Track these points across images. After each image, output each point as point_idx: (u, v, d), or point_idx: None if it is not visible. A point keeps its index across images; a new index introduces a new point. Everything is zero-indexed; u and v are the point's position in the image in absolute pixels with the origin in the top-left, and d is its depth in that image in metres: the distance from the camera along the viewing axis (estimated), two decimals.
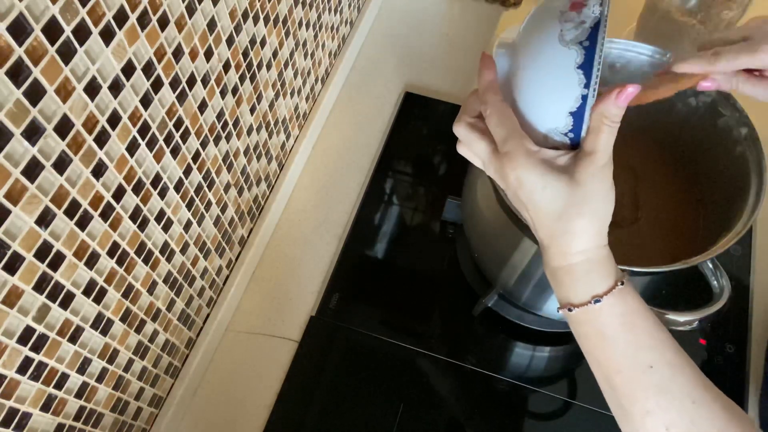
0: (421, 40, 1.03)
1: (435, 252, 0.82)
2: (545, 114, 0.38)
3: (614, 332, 0.39)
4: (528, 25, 0.38)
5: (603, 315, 0.39)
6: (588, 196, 0.37)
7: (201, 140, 0.60)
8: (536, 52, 0.37)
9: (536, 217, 0.39)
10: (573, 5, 0.35)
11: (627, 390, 0.39)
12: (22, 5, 0.35)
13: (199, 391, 0.73)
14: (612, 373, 0.39)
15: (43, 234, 0.42)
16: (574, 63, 0.35)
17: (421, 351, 0.74)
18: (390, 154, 0.90)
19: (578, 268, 0.39)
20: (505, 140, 0.38)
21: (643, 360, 0.38)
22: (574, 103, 0.36)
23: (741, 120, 0.59)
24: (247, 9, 0.61)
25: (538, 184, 0.37)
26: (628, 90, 0.36)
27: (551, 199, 0.37)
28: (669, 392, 0.38)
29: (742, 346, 0.73)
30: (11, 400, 0.44)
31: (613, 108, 0.36)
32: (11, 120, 0.37)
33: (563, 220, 0.38)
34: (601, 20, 0.34)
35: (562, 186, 0.37)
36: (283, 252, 0.83)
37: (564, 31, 0.35)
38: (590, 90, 0.35)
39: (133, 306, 0.56)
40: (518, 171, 0.37)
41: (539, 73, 0.37)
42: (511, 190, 0.39)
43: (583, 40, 0.35)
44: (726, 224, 0.56)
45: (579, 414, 0.70)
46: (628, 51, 0.64)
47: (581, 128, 0.37)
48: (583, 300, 0.39)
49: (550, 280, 0.42)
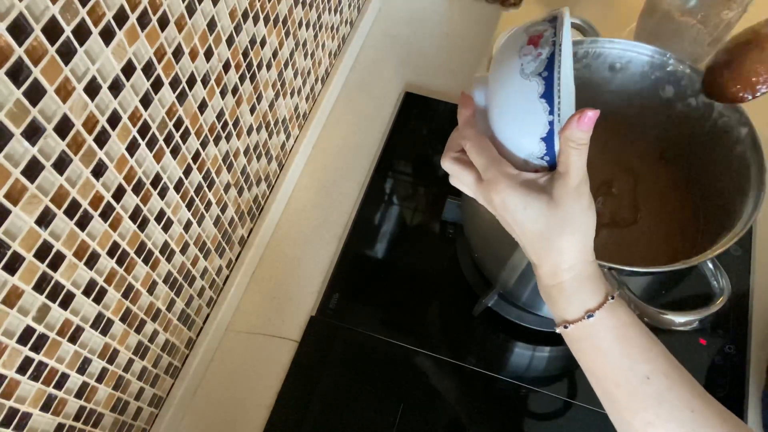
0: (421, 40, 1.03)
1: (435, 252, 0.82)
2: (520, 142, 0.40)
3: (609, 346, 0.40)
4: (495, 62, 0.41)
5: (597, 329, 0.40)
6: (568, 215, 0.39)
7: (201, 140, 0.60)
8: (503, 87, 0.39)
9: (524, 238, 0.41)
10: (530, 40, 0.38)
11: (627, 402, 0.40)
12: (22, 5, 0.35)
13: (199, 391, 0.73)
14: (611, 386, 0.40)
15: (43, 234, 0.42)
16: (536, 93, 0.37)
17: (421, 351, 0.74)
18: (390, 154, 0.90)
19: (568, 285, 0.40)
20: (486, 168, 0.40)
21: (640, 371, 0.39)
22: (543, 129, 0.38)
23: (741, 120, 0.59)
24: (247, 9, 0.61)
25: (520, 205, 0.39)
26: (587, 115, 0.37)
27: (534, 218, 0.39)
28: (668, 402, 0.38)
29: (742, 346, 0.73)
30: (11, 400, 0.44)
31: (577, 132, 0.38)
32: (11, 120, 0.37)
33: (547, 239, 0.40)
34: (555, 50, 0.37)
35: (543, 206, 0.39)
36: (283, 252, 0.83)
37: (524, 65, 0.38)
38: (554, 116, 0.37)
39: (133, 306, 0.56)
40: (501, 194, 0.40)
41: (509, 106, 0.39)
42: (498, 213, 0.41)
43: (541, 71, 0.37)
44: (726, 224, 0.56)
45: (579, 414, 0.70)
46: (628, 51, 0.64)
47: (554, 151, 0.39)
48: (576, 316, 0.41)
49: (545, 299, 0.43)
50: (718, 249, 0.52)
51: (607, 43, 0.64)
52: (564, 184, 0.39)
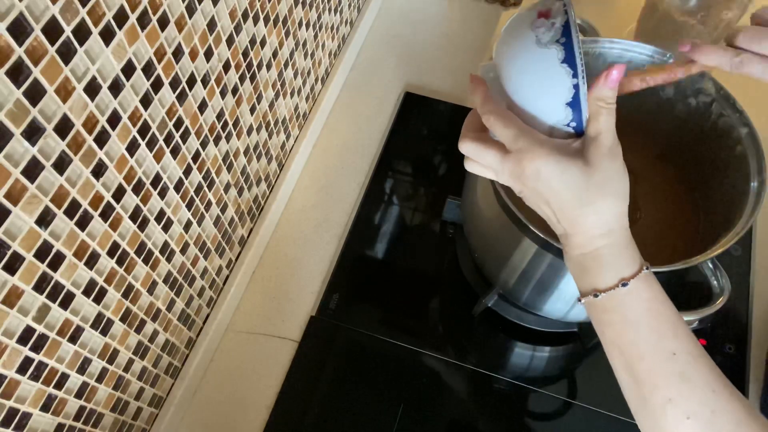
0: (421, 40, 1.03)
1: (435, 252, 0.82)
2: (545, 111, 0.40)
3: (639, 318, 0.39)
4: (504, 42, 0.41)
5: (629, 299, 0.39)
6: (605, 177, 0.38)
7: (201, 140, 0.60)
8: (520, 60, 0.39)
9: (558, 206, 0.39)
10: (540, 14, 0.38)
11: (649, 377, 0.39)
12: (22, 5, 0.35)
13: (199, 391, 0.73)
14: (634, 360, 0.39)
15: (43, 234, 0.42)
16: (557, 60, 0.38)
17: (421, 351, 0.74)
18: (390, 154, 0.90)
19: (605, 252, 0.39)
20: (516, 138, 0.39)
21: (667, 347, 0.38)
22: (568, 94, 0.38)
23: (741, 120, 0.59)
24: (247, 9, 0.61)
25: (556, 170, 0.38)
26: (614, 71, 0.38)
27: (571, 184, 0.38)
28: (691, 381, 0.38)
29: (742, 346, 0.73)
30: (11, 400, 0.44)
31: (606, 90, 0.38)
32: (11, 120, 0.37)
33: (586, 203, 0.38)
34: (569, 17, 0.38)
35: (579, 170, 0.38)
36: (283, 252, 0.83)
37: (539, 36, 0.38)
38: (579, 79, 0.38)
39: (133, 306, 0.56)
40: (536, 162, 0.38)
41: (529, 77, 0.39)
42: (529, 184, 0.39)
43: (558, 38, 0.38)
44: (726, 224, 0.56)
45: (579, 414, 0.70)
46: (628, 51, 0.64)
47: (581, 116, 0.39)
48: (610, 284, 0.39)
49: (572, 271, 0.42)
50: (718, 249, 0.52)
51: (607, 43, 0.64)
52: (598, 146, 0.38)
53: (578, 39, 0.37)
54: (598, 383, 0.72)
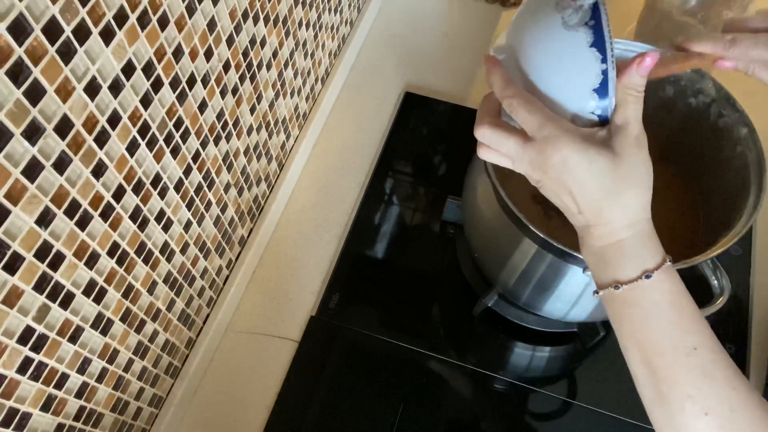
0: (421, 40, 1.03)
1: (435, 252, 0.82)
2: (569, 97, 0.38)
3: (661, 311, 0.38)
4: (524, 22, 0.39)
5: (652, 292, 0.38)
6: (632, 168, 0.37)
7: (201, 140, 0.60)
8: (546, 43, 0.37)
9: (582, 197, 0.38)
10: None
11: (668, 373, 0.38)
12: (22, 5, 0.35)
13: (199, 391, 0.73)
14: (654, 355, 0.38)
15: (43, 234, 0.42)
16: (586, 43, 0.36)
17: (421, 351, 0.74)
18: (390, 154, 0.90)
19: (628, 243, 0.38)
20: (542, 126, 0.37)
21: (688, 342, 0.38)
22: (595, 79, 0.37)
23: (741, 120, 0.59)
24: (247, 9, 0.61)
25: (584, 160, 0.37)
26: (647, 58, 0.37)
27: (598, 174, 0.37)
28: (711, 377, 0.37)
29: (742, 346, 0.73)
30: (11, 400, 0.44)
31: (636, 78, 0.37)
32: (11, 120, 0.37)
33: (613, 193, 0.37)
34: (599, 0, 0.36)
35: (607, 160, 0.37)
36: (283, 252, 0.83)
37: (565, 18, 0.36)
38: (608, 64, 0.36)
39: (133, 306, 0.56)
40: (563, 151, 0.37)
41: (555, 61, 0.37)
42: (553, 175, 0.38)
43: (587, 20, 0.36)
44: (726, 224, 0.56)
45: (579, 414, 0.70)
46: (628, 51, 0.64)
47: (607, 103, 0.37)
48: (633, 276, 0.38)
49: (591, 263, 0.41)
50: (718, 249, 0.52)
51: None
52: (626, 135, 0.37)
53: (608, 22, 0.35)
54: (598, 383, 0.72)
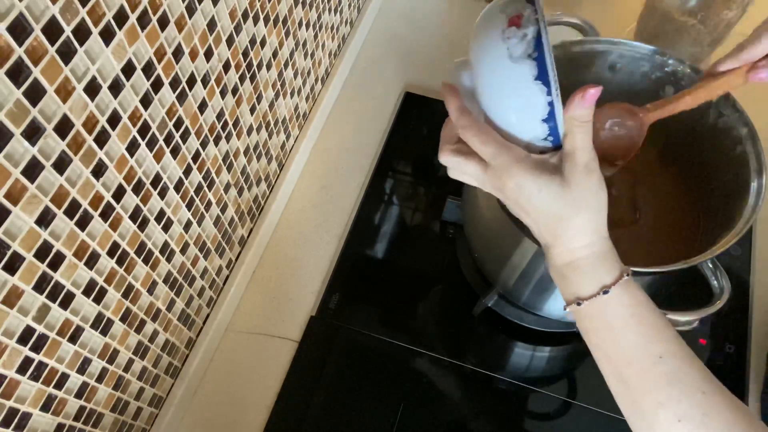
0: (421, 40, 1.03)
1: (435, 252, 0.82)
2: (521, 127, 0.39)
3: (623, 323, 0.40)
4: (477, 47, 0.39)
5: (612, 305, 0.40)
6: (581, 194, 0.39)
7: (201, 140, 0.60)
8: (493, 75, 0.38)
9: (538, 220, 0.41)
10: (511, 21, 0.36)
11: (638, 383, 0.39)
12: (22, 5, 0.35)
13: (199, 391, 0.73)
14: (622, 366, 0.40)
15: (43, 234, 0.42)
16: (531, 76, 0.36)
17: (421, 351, 0.74)
18: (390, 154, 0.90)
19: (584, 262, 0.40)
20: (495, 155, 0.40)
21: (653, 351, 0.39)
22: (543, 111, 0.37)
23: (741, 120, 0.59)
24: (247, 9, 0.61)
25: (534, 187, 0.39)
26: (590, 92, 0.37)
27: (549, 200, 0.39)
28: (680, 383, 0.38)
29: (742, 346, 0.73)
30: (11, 400, 0.44)
31: (580, 110, 0.38)
32: (11, 120, 0.37)
33: (563, 218, 0.40)
34: (540, 28, 0.35)
35: (556, 186, 0.39)
36: (283, 252, 0.83)
37: (510, 48, 0.36)
38: (553, 96, 0.36)
39: (133, 306, 0.56)
40: (516, 178, 0.39)
41: (504, 93, 0.38)
42: (511, 198, 0.41)
43: (531, 53, 0.36)
44: (726, 224, 0.56)
45: (579, 414, 0.70)
46: (628, 51, 0.64)
47: (557, 131, 0.38)
48: (591, 292, 0.40)
49: (555, 280, 0.43)
50: (718, 249, 0.52)
51: (607, 43, 0.64)
52: (574, 163, 0.39)
53: (551, 53, 0.35)
54: (598, 383, 0.72)
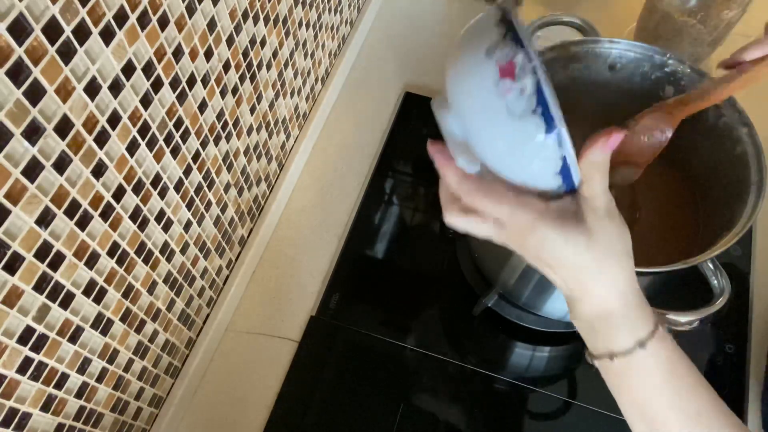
0: (421, 40, 1.03)
1: (435, 252, 0.82)
2: (533, 180, 0.36)
3: (662, 381, 0.37)
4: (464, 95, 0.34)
5: (648, 362, 0.37)
6: (609, 242, 0.36)
7: (201, 140, 0.60)
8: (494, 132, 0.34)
9: (564, 274, 0.38)
10: (503, 71, 0.32)
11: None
12: (22, 5, 0.35)
13: (199, 391, 0.73)
14: (658, 424, 0.38)
15: (43, 234, 0.42)
16: (538, 133, 0.32)
17: (421, 351, 0.74)
18: (390, 154, 0.90)
19: (619, 313, 0.37)
20: (512, 214, 0.36)
21: (691, 408, 0.37)
22: (556, 164, 0.34)
23: (741, 120, 0.59)
24: (247, 9, 0.61)
25: (559, 240, 0.36)
26: (613, 136, 0.34)
27: (576, 252, 0.36)
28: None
29: (742, 346, 0.73)
30: (11, 400, 0.44)
31: (600, 156, 0.35)
32: (11, 120, 0.37)
33: (595, 272, 0.37)
34: (540, 80, 0.31)
35: (583, 239, 0.36)
36: (283, 252, 0.83)
37: (509, 105, 0.32)
38: (566, 150, 0.33)
39: (133, 306, 0.56)
40: (537, 235, 0.36)
41: (508, 152, 0.35)
42: (531, 254, 0.37)
43: (534, 108, 0.32)
44: (726, 224, 0.56)
45: (579, 414, 0.70)
46: (628, 51, 0.64)
47: (572, 178, 0.35)
48: (626, 347, 0.37)
49: (583, 333, 0.40)
50: (718, 249, 0.52)
51: (607, 43, 0.64)
52: (595, 210, 0.36)
53: (557, 104, 0.32)
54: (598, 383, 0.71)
